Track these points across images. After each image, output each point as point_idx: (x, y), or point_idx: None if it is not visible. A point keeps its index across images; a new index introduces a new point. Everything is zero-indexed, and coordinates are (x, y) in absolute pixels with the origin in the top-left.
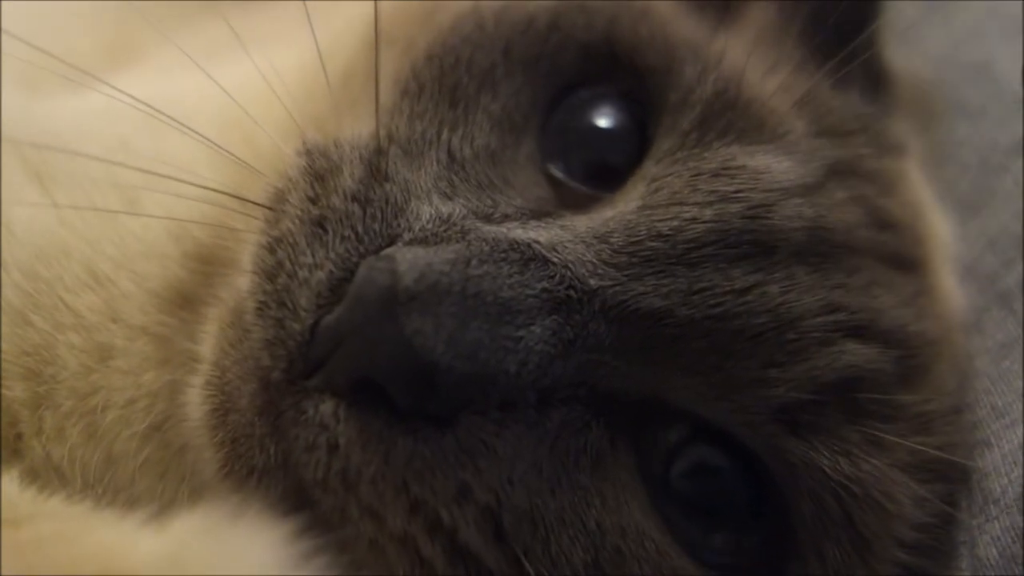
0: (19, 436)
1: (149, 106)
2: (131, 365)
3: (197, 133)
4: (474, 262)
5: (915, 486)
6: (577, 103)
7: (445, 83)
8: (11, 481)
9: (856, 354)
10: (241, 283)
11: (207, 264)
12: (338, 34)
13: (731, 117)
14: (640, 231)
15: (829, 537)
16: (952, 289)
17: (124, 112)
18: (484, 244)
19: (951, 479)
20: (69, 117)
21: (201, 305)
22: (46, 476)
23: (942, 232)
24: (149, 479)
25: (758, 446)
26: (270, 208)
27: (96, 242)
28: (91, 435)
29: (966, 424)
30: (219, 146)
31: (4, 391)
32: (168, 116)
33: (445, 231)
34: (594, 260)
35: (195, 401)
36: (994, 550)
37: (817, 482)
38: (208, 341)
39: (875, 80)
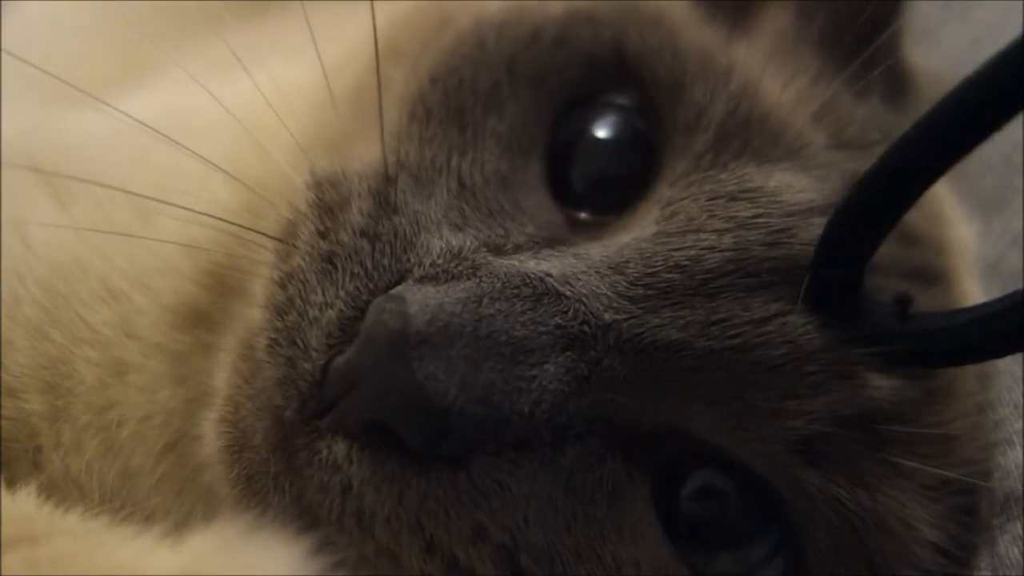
0: (39, 448)
1: (153, 128)
2: (146, 381)
3: (201, 156)
4: (486, 300)
5: (934, 507)
6: (583, 117)
7: (452, 106)
8: (29, 496)
9: (877, 387)
10: (253, 316)
11: (221, 283)
12: (350, 44)
13: (746, 135)
14: (657, 261)
15: (844, 568)
16: (975, 297)
17: (140, 126)
18: (496, 280)
19: (972, 490)
20: (86, 131)
21: (216, 326)
22: (65, 489)
23: (966, 237)
24: (165, 495)
25: (773, 476)
26: (281, 241)
27: (111, 256)
28: (108, 449)
29: (988, 427)
30: (226, 170)
31: (23, 404)
32: (179, 133)
33: (456, 266)
34: (609, 293)
35: (210, 436)
36: (1015, 549)
37: (834, 513)
38: (221, 373)
39: (897, 85)
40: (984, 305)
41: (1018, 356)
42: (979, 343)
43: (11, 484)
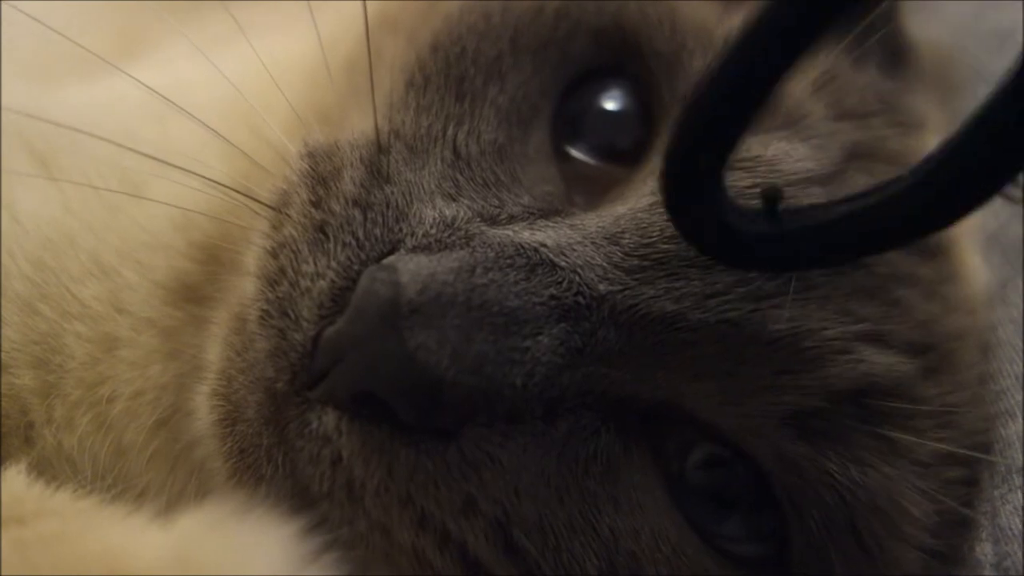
0: (31, 425)
1: (157, 93)
2: (137, 357)
3: (202, 122)
4: (479, 270)
5: (929, 481)
6: (589, 89)
7: (451, 75)
8: (19, 475)
9: (873, 363)
10: (245, 287)
11: (212, 257)
12: (346, 18)
13: None
14: (652, 232)
15: (834, 543)
16: (976, 268)
17: (130, 103)
18: (489, 250)
19: (972, 462)
20: (76, 107)
21: (207, 300)
22: (58, 465)
23: None
24: (158, 472)
25: (762, 453)
26: (275, 209)
27: (101, 232)
28: (100, 425)
29: (989, 398)
30: (224, 136)
31: (14, 379)
32: (176, 104)
33: (449, 236)
34: (604, 263)
35: (202, 410)
36: (1017, 520)
37: (825, 487)
38: (214, 347)
39: (895, 54)
40: (863, 195)
41: (1019, 326)
42: (859, 237)
43: (3, 461)
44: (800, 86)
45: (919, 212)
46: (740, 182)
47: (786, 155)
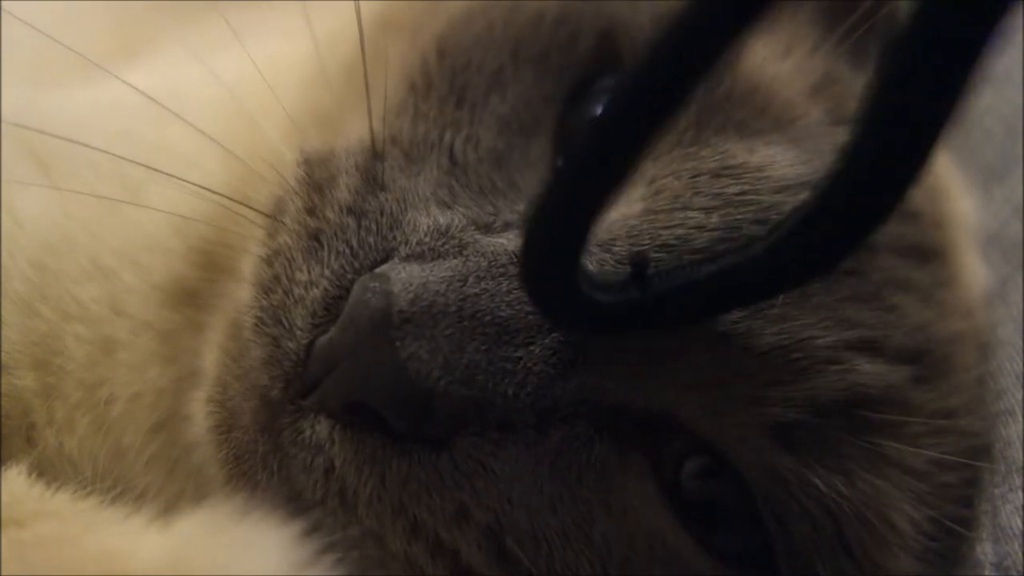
0: (32, 425)
1: (152, 99)
2: (135, 359)
3: (197, 128)
4: (471, 279)
5: (922, 487)
6: (589, 98)
7: (455, 83)
8: (18, 475)
9: (863, 372)
10: (241, 293)
11: (210, 261)
12: (345, 19)
13: (729, 109)
14: (643, 240)
15: (820, 554)
16: (974, 270)
17: (129, 105)
18: (482, 259)
19: (972, 464)
20: (74, 109)
21: (205, 304)
22: (60, 466)
23: (964, 209)
24: (157, 474)
25: (749, 467)
26: (270, 217)
27: (100, 234)
28: (99, 427)
29: (989, 398)
30: (219, 142)
31: (15, 380)
32: (171, 108)
33: (442, 245)
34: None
35: (199, 416)
36: (1017, 519)
37: (810, 500)
38: (210, 353)
39: None
40: (725, 254)
41: (1019, 325)
42: (721, 296)
43: (5, 461)
44: (796, 89)
45: (776, 274)
46: (728, 189)
47: (772, 162)
